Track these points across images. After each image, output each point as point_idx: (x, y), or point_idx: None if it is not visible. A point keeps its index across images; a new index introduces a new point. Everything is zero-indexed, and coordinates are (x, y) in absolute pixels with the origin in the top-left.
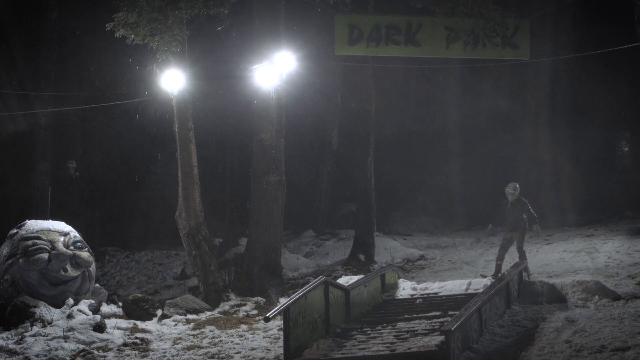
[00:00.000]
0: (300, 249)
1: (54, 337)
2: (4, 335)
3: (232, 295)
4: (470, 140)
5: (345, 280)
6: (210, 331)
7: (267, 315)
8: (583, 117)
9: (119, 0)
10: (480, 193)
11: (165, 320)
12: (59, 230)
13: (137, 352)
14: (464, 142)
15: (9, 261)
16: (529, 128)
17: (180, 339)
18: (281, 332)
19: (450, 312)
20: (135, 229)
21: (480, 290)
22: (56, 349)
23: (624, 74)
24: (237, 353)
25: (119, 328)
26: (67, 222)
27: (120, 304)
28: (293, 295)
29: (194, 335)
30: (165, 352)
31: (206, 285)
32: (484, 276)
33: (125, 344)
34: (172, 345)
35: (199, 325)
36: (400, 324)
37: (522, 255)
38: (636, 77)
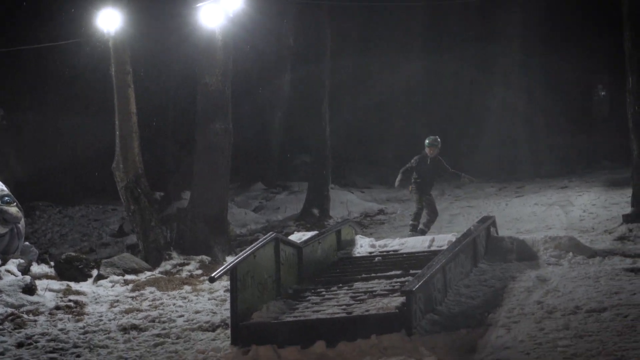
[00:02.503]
0: (249, 204)
1: None
2: None
3: (174, 254)
4: (436, 88)
5: (298, 236)
6: (151, 293)
7: (213, 275)
8: (557, 60)
9: None
10: (446, 144)
11: (102, 282)
12: None
13: (70, 315)
14: (429, 89)
15: None
16: (499, 75)
17: (117, 301)
18: (228, 294)
19: (411, 271)
20: (68, 182)
21: (444, 247)
22: None
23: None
24: (180, 316)
25: (50, 290)
26: None
27: (52, 263)
28: (241, 254)
29: (132, 298)
30: (101, 316)
31: (146, 243)
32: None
33: (57, 307)
34: (109, 308)
35: (138, 286)
36: (357, 284)
37: (433, 216)
38: (613, 15)
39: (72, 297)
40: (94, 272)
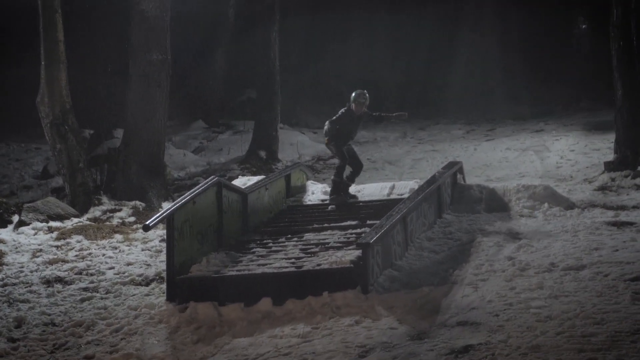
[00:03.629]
0: (189, 144)
1: None
2: None
3: (104, 199)
4: (399, 17)
5: (243, 181)
6: (78, 242)
7: (147, 223)
8: None
9: None
10: (411, 81)
11: (23, 228)
12: None
13: None
14: (392, 17)
15: None
16: (473, 5)
17: (40, 250)
18: (163, 244)
19: (369, 222)
20: None
21: (406, 196)
22: None
23: None
24: (110, 269)
25: None
26: None
27: None
28: (179, 199)
29: (57, 247)
30: (22, 267)
31: (73, 186)
32: None
33: None
34: (31, 258)
35: (64, 234)
36: (308, 235)
37: (358, 169)
38: None
39: None
40: (15, 218)
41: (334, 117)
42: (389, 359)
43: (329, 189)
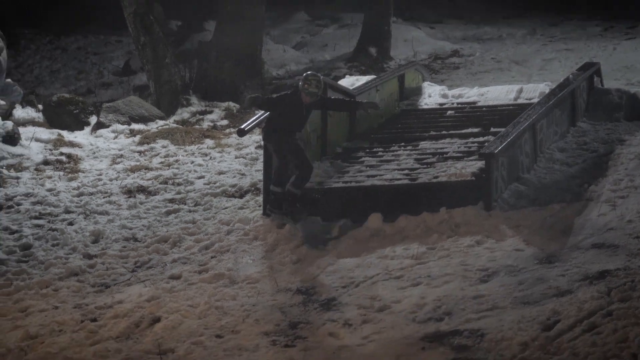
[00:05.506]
0: (289, 38)
1: None
2: None
3: (193, 99)
4: None
5: (350, 82)
6: (163, 147)
7: (242, 127)
8: None
9: None
10: None
11: (102, 131)
12: None
13: (62, 172)
14: None
15: None
16: None
17: (121, 156)
18: (260, 151)
19: (493, 129)
20: (62, 5)
21: (535, 100)
22: None
23: None
24: (199, 178)
25: (38, 140)
26: None
27: (40, 107)
28: None
29: (140, 152)
30: (100, 174)
31: (158, 84)
32: None
33: (46, 162)
34: (111, 164)
35: (147, 138)
36: (424, 144)
37: (307, 171)
38: None
39: (64, 150)
40: (93, 120)
41: (267, 99)
42: (514, 284)
43: (448, 92)
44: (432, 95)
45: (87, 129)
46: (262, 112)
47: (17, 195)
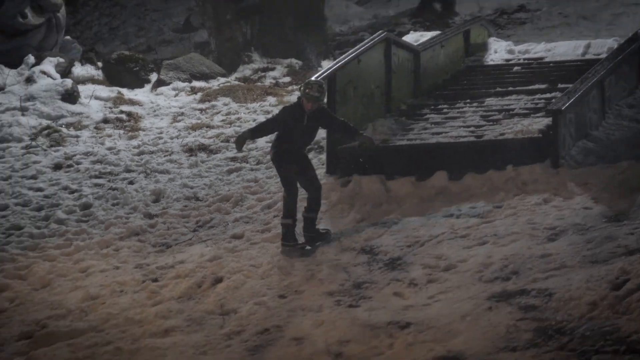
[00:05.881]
0: None
1: (7, 109)
2: None
3: (255, 56)
4: None
5: (415, 38)
6: (225, 105)
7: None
8: None
9: None
10: None
11: (162, 89)
12: None
13: (122, 131)
14: None
15: None
16: None
17: (182, 114)
18: None
19: (560, 85)
20: None
21: (603, 56)
22: (10, 125)
23: None
24: None
25: (97, 98)
26: None
27: (99, 64)
28: (341, 57)
29: (201, 110)
30: (161, 132)
31: (220, 41)
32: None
33: (106, 120)
34: (171, 122)
35: (208, 96)
36: (490, 100)
37: (316, 193)
38: None
39: (124, 108)
40: (153, 77)
41: (271, 119)
42: (582, 242)
43: (514, 47)
44: (498, 51)
45: (147, 87)
46: (325, 69)
47: (76, 154)
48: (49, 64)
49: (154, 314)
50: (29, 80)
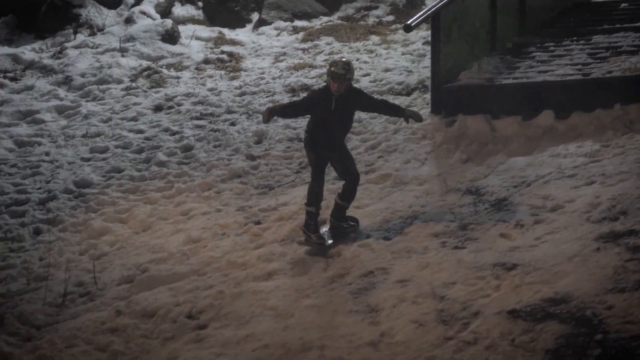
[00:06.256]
0: None
1: (107, 50)
2: (37, 45)
3: None
4: None
5: None
6: (327, 44)
7: (408, 22)
8: None
9: None
10: None
11: (264, 28)
12: None
13: (223, 71)
14: None
15: None
16: None
17: (284, 54)
18: (427, 47)
19: None
20: None
21: None
22: (109, 67)
23: None
24: (365, 75)
25: (198, 38)
26: None
27: (199, 4)
28: None
29: (303, 50)
30: (262, 73)
31: None
32: None
33: (206, 61)
34: (273, 62)
35: (310, 35)
36: (597, 38)
37: (353, 184)
38: None
39: (225, 48)
40: (254, 17)
41: (299, 102)
42: None
43: None
44: None
45: (249, 27)
46: (429, 7)
47: (177, 95)
48: (148, 4)
49: (257, 257)
50: (129, 20)
